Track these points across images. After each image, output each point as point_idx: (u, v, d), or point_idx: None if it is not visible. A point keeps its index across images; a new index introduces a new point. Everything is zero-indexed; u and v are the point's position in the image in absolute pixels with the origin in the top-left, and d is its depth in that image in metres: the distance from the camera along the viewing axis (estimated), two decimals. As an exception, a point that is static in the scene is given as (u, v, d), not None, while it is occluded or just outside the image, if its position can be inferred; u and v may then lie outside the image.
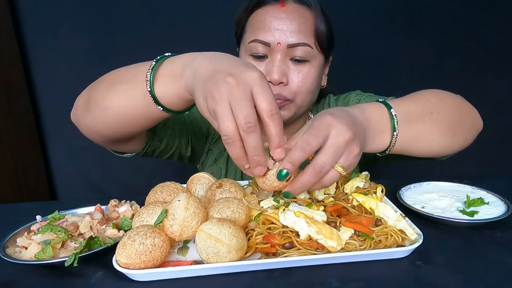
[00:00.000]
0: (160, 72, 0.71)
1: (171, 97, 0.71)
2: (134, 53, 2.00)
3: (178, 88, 0.68)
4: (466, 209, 0.77)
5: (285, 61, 0.95)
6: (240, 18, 1.02)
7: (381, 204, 0.72)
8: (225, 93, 0.56)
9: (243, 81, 0.56)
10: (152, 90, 0.71)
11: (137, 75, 0.74)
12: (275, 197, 0.73)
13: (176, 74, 0.68)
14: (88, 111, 0.82)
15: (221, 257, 0.58)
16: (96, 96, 0.80)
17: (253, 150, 0.57)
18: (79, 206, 0.79)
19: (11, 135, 1.84)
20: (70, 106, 0.89)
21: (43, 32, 1.93)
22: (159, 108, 0.73)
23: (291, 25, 0.94)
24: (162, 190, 0.74)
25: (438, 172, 2.27)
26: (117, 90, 0.77)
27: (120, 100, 0.76)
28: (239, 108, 0.55)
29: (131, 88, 0.74)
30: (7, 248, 0.65)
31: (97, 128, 0.83)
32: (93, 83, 0.85)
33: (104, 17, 1.95)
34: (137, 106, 0.75)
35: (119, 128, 0.82)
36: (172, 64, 0.70)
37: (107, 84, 0.80)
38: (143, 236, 0.58)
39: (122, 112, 0.77)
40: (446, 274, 0.59)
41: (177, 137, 1.03)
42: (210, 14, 1.98)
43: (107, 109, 0.78)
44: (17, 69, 1.90)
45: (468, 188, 0.88)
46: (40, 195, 2.02)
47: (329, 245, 0.62)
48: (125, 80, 0.76)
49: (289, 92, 0.96)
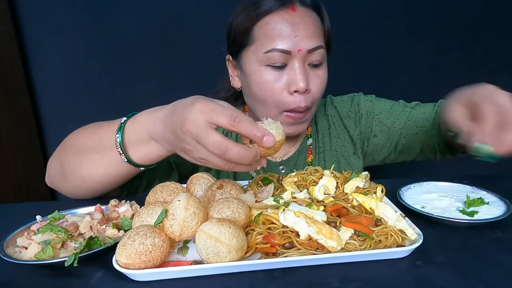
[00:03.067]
0: (126, 141, 0.76)
1: (152, 158, 0.77)
2: (134, 53, 2.01)
3: (158, 151, 0.75)
4: (466, 209, 0.77)
5: (305, 67, 0.93)
6: (244, 26, 0.94)
7: (381, 204, 0.72)
8: (191, 141, 0.62)
9: (192, 122, 0.61)
10: (129, 160, 0.77)
11: (102, 144, 0.79)
12: (275, 197, 0.73)
13: (146, 140, 0.74)
14: (65, 180, 0.85)
15: (221, 257, 0.58)
16: (70, 166, 0.83)
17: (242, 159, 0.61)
18: (79, 206, 0.79)
19: (11, 135, 1.84)
20: (70, 106, 0.90)
21: (43, 32, 1.93)
22: (142, 169, 0.80)
23: (307, 30, 0.91)
24: (162, 190, 0.74)
25: (438, 172, 2.28)
26: (90, 160, 0.80)
27: (97, 168, 0.80)
28: (204, 143, 0.60)
29: (104, 155, 0.79)
30: (7, 248, 0.65)
31: (79, 193, 0.87)
32: (58, 151, 0.88)
33: (104, 17, 1.95)
34: (117, 171, 0.80)
35: (101, 190, 0.86)
36: (135, 132, 0.75)
37: (75, 153, 0.83)
38: (143, 236, 0.58)
39: (102, 178, 0.82)
40: (446, 274, 0.59)
41: (157, 169, 1.00)
42: (210, 14, 1.97)
43: (85, 178, 0.82)
44: (17, 69, 1.90)
45: (468, 188, 0.88)
46: (40, 195, 2.02)
47: (329, 245, 0.62)
48: (94, 150, 0.80)
49: (311, 100, 0.95)
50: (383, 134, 1.12)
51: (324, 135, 1.15)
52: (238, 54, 0.99)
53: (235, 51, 0.99)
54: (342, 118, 1.15)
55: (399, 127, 1.09)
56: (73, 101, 1.98)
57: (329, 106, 1.17)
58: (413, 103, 1.12)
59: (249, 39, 0.94)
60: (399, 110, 1.10)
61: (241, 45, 0.97)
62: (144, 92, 2.02)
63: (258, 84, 0.94)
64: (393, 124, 1.10)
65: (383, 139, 1.12)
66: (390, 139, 1.11)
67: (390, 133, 1.11)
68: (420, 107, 1.10)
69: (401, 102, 1.13)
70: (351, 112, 1.14)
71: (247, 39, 0.95)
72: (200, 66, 2.04)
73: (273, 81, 0.93)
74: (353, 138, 1.14)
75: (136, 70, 2.01)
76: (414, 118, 1.08)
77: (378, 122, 1.11)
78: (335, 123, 1.15)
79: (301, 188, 0.80)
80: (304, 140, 1.14)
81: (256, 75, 0.94)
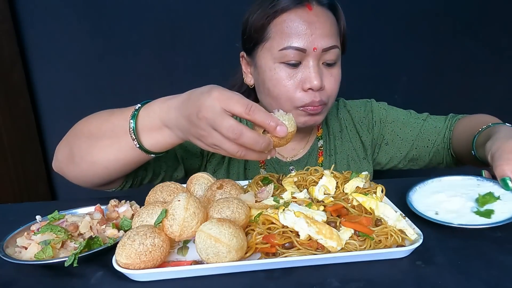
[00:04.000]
0: (140, 127, 0.75)
1: (163, 145, 0.77)
2: (134, 53, 2.01)
3: (170, 138, 0.74)
4: (480, 209, 0.72)
5: (319, 65, 0.94)
6: (261, 23, 0.95)
7: (381, 204, 0.72)
8: (206, 126, 0.63)
9: (208, 108, 0.62)
10: (141, 146, 0.76)
11: (114, 130, 0.78)
12: (275, 197, 0.73)
13: (159, 127, 0.74)
14: (74, 165, 0.84)
15: (221, 257, 0.58)
16: (80, 151, 0.82)
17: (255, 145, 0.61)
18: (79, 206, 0.79)
19: (11, 135, 1.84)
20: (70, 106, 0.90)
21: (43, 32, 1.93)
22: (152, 156, 0.79)
23: (323, 29, 0.92)
24: (162, 190, 0.74)
25: (439, 171, 2.27)
26: (101, 145, 0.80)
27: (108, 154, 0.80)
28: (219, 127, 0.61)
29: (115, 142, 0.78)
30: (7, 248, 0.65)
31: (86, 178, 0.86)
32: (68, 136, 0.87)
33: (104, 17, 1.95)
34: (127, 157, 0.80)
35: (109, 176, 0.85)
36: (149, 118, 0.75)
37: (86, 138, 0.82)
38: (143, 236, 0.58)
39: (111, 164, 0.81)
40: (446, 274, 0.59)
41: (163, 161, 0.99)
42: (210, 14, 1.97)
43: (95, 163, 0.81)
44: (17, 69, 1.90)
45: (474, 181, 0.82)
46: (40, 195, 2.02)
47: (329, 245, 0.62)
48: (105, 135, 0.79)
49: (325, 97, 0.96)
50: (395, 143, 1.14)
51: (336, 138, 1.15)
52: (253, 51, 1.00)
53: (249, 47, 1.01)
54: (355, 123, 1.16)
55: (411, 138, 1.12)
56: (73, 101, 1.98)
57: (342, 109, 1.18)
58: (424, 115, 1.14)
59: (264, 36, 0.95)
60: (412, 121, 1.12)
61: (256, 42, 0.98)
62: (145, 92, 2.01)
63: (272, 81, 0.95)
64: (406, 135, 1.13)
65: (395, 148, 1.15)
66: (402, 149, 1.14)
67: (402, 143, 1.13)
68: (431, 120, 1.13)
69: (412, 113, 1.15)
70: (364, 118, 1.16)
71: (262, 36, 0.96)
72: (200, 67, 2.04)
73: (287, 78, 0.94)
74: (365, 144, 1.15)
75: (137, 70, 2.01)
76: (426, 131, 1.11)
77: (391, 131, 1.14)
78: (348, 127, 1.16)
79: (301, 188, 0.80)
80: (315, 142, 1.14)
81: (270, 71, 0.95)
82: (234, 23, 1.03)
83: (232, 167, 1.10)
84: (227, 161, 1.10)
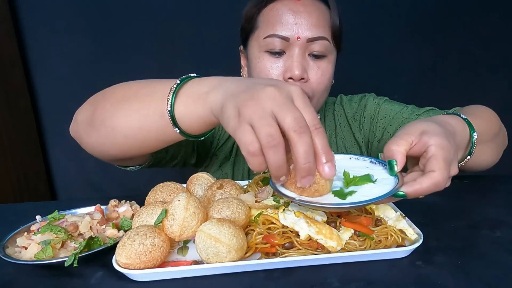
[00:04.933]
0: (181, 92, 0.65)
1: (192, 118, 0.64)
2: (134, 53, 2.01)
3: (202, 109, 0.62)
4: (345, 189, 0.60)
5: (304, 56, 0.92)
6: (251, 13, 0.96)
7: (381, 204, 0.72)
8: (265, 99, 0.50)
9: (287, 92, 0.52)
10: (172, 110, 0.65)
11: (152, 94, 0.69)
12: (275, 197, 0.73)
13: (200, 95, 0.62)
14: (92, 129, 0.76)
15: (221, 257, 0.58)
16: (102, 114, 0.73)
17: (305, 157, 0.49)
18: (79, 206, 0.79)
19: (11, 135, 1.84)
20: (70, 106, 0.89)
21: (43, 32, 1.93)
22: (176, 131, 0.66)
23: (310, 18, 0.91)
24: (162, 190, 0.74)
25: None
26: (128, 109, 0.71)
27: (131, 120, 0.70)
28: (283, 112, 0.49)
29: (145, 107, 0.69)
30: (7, 248, 0.65)
31: (103, 147, 0.77)
32: (96, 96, 0.79)
33: (104, 17, 1.95)
34: (151, 127, 0.69)
35: (127, 149, 0.76)
36: (198, 86, 0.64)
37: (116, 101, 0.73)
38: (143, 236, 0.58)
39: (132, 133, 0.71)
40: (446, 274, 0.59)
41: (183, 146, 0.98)
42: (210, 13, 1.98)
43: (115, 130, 0.72)
44: (17, 69, 1.90)
45: (366, 162, 0.68)
46: (40, 195, 2.03)
47: (329, 245, 0.62)
48: (137, 99, 0.71)
49: (309, 89, 0.93)
50: (386, 140, 1.08)
51: (330, 135, 1.13)
52: (246, 42, 1.01)
53: (244, 39, 1.01)
54: (348, 119, 1.13)
55: None
56: (73, 101, 1.97)
57: (337, 106, 1.16)
58: (423, 110, 1.04)
59: (254, 26, 0.96)
60: (404, 117, 1.04)
61: (247, 32, 0.98)
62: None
63: (256, 69, 0.95)
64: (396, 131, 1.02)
65: None
66: None
67: None
68: (429, 115, 1.02)
69: (410, 107, 1.06)
70: (357, 113, 1.12)
71: (252, 26, 0.96)
72: (201, 67, 2.04)
73: (270, 66, 0.93)
74: (358, 141, 1.12)
75: (137, 70, 2.01)
76: None
77: (382, 128, 1.08)
78: (341, 123, 1.14)
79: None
80: None
81: (255, 60, 0.95)
82: (235, 23, 1.03)
83: (238, 162, 1.10)
84: (234, 156, 1.10)
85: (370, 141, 1.11)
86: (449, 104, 1.03)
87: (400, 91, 2.13)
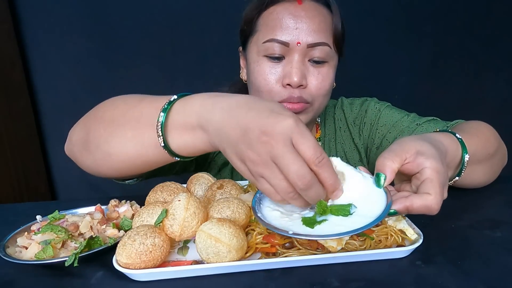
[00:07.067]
0: (170, 122, 0.64)
1: (191, 149, 0.65)
2: (134, 53, 2.01)
3: (201, 143, 0.62)
4: (317, 218, 0.59)
5: (304, 62, 0.90)
6: (251, 15, 0.94)
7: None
8: (265, 155, 0.52)
9: (280, 135, 0.51)
10: (166, 144, 0.64)
11: (140, 120, 0.67)
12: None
13: (193, 127, 0.62)
14: (88, 152, 0.75)
15: (221, 257, 0.58)
16: (96, 138, 0.73)
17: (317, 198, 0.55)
18: (79, 206, 0.79)
19: (11, 135, 1.84)
20: (70, 106, 0.89)
21: (43, 32, 1.93)
22: (175, 158, 0.67)
23: (311, 23, 0.88)
24: (162, 190, 0.74)
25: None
26: (122, 137, 0.69)
27: (128, 147, 0.69)
28: (285, 166, 0.51)
29: (139, 134, 0.68)
30: (7, 248, 0.65)
31: (99, 169, 0.76)
32: (89, 115, 0.78)
33: (104, 17, 1.95)
34: (148, 154, 0.68)
35: (125, 172, 0.76)
36: (184, 114, 0.63)
37: (107, 124, 0.72)
38: (143, 236, 0.58)
39: (130, 159, 0.71)
40: (446, 274, 0.59)
41: None
42: (210, 14, 1.98)
43: (112, 155, 0.71)
44: (17, 69, 1.90)
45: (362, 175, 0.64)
46: (40, 195, 2.03)
47: (329, 245, 0.62)
48: (129, 125, 0.69)
49: (308, 95, 0.91)
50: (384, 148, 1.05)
51: (330, 140, 1.12)
52: (246, 45, 0.99)
53: (243, 41, 1.00)
54: (348, 124, 1.11)
55: None
56: (73, 101, 1.98)
57: (338, 109, 1.14)
58: (424, 119, 1.01)
59: (253, 29, 0.94)
60: (404, 125, 1.02)
61: (247, 35, 0.96)
62: (145, 92, 2.02)
63: (255, 73, 0.93)
64: (394, 140, 1.02)
65: None
66: None
67: None
68: (427, 125, 0.99)
69: (411, 116, 1.04)
70: (358, 119, 1.10)
71: (252, 29, 0.94)
72: (201, 67, 2.04)
73: (269, 71, 0.91)
74: (358, 146, 1.11)
75: (137, 70, 2.01)
76: None
77: (381, 135, 1.06)
78: (341, 127, 1.12)
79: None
80: None
81: (254, 64, 0.93)
82: (235, 23, 1.03)
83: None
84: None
85: (369, 147, 1.10)
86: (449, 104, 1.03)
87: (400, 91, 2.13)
